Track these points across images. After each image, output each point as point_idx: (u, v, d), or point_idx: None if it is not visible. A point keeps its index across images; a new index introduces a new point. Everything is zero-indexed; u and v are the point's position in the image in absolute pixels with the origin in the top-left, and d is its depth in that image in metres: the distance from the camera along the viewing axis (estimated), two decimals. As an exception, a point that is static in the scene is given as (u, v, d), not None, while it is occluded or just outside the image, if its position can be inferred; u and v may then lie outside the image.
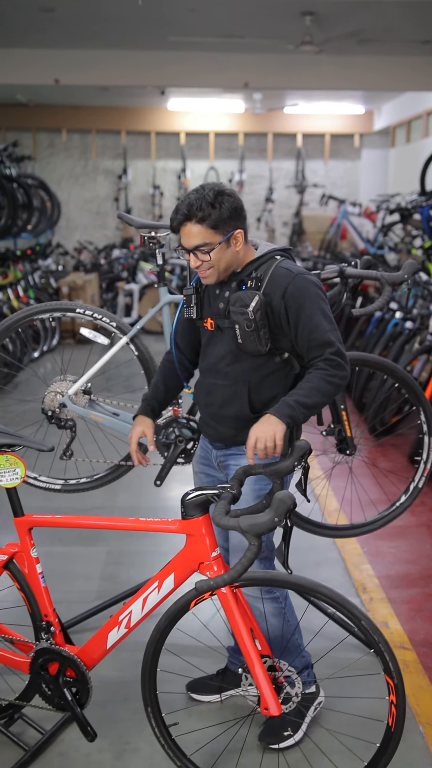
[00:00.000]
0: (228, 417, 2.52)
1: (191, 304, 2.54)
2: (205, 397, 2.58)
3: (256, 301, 2.35)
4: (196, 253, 2.37)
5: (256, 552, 2.00)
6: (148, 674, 2.32)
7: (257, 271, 2.44)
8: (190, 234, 2.35)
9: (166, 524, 2.29)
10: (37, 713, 2.69)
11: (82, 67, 8.51)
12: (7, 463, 2.40)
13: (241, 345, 2.41)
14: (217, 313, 2.49)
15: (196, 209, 2.32)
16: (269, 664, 2.27)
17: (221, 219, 2.33)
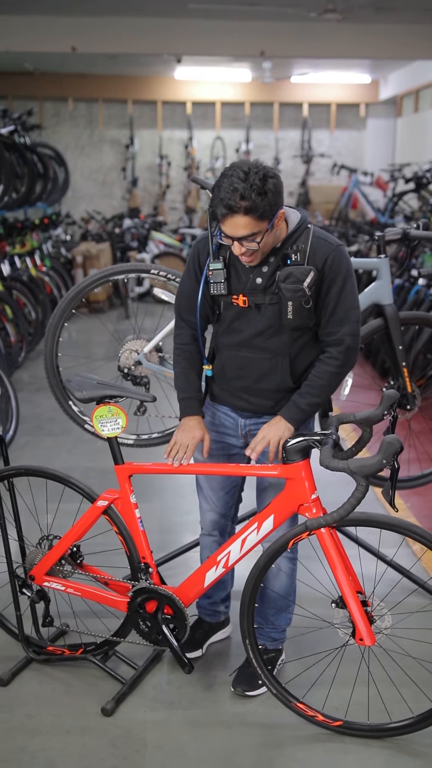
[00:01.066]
0: (267, 390, 2.54)
1: (220, 279, 2.45)
2: (237, 370, 2.55)
3: (312, 276, 2.33)
4: (242, 242, 2.30)
5: (363, 492, 2.16)
6: (247, 609, 2.48)
7: (297, 242, 2.40)
8: (236, 225, 2.26)
9: (267, 469, 2.43)
10: (128, 649, 2.86)
11: (100, 34, 8.50)
12: (110, 413, 2.54)
13: (291, 321, 2.39)
14: (253, 288, 2.44)
15: (245, 201, 2.21)
16: (362, 599, 2.43)
17: (269, 207, 2.24)
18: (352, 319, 2.44)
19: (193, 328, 2.62)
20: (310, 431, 2.58)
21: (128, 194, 12.86)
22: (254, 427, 2.62)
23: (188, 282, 2.58)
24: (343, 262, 2.41)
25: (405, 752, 2.44)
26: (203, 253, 2.53)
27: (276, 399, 2.56)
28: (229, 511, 2.82)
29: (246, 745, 2.47)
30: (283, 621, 2.79)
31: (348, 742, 2.48)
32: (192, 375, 2.63)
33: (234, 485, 2.78)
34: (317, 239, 2.41)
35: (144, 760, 2.41)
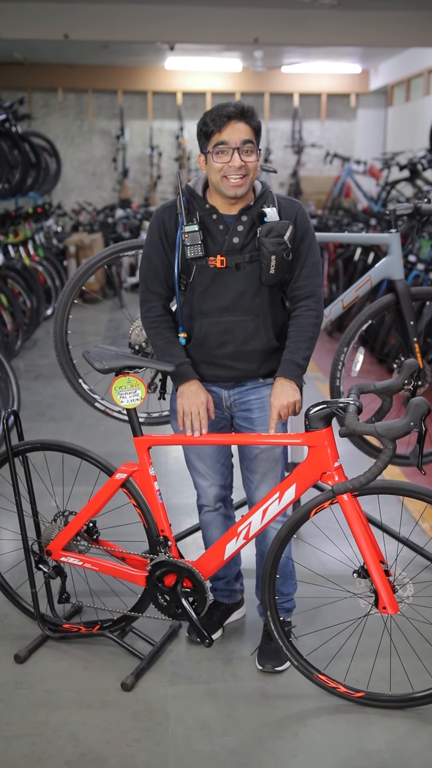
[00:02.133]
0: (253, 351, 2.54)
1: (197, 241, 2.44)
2: (222, 336, 2.52)
3: (291, 230, 2.43)
4: (242, 153, 2.35)
5: (391, 455, 2.15)
6: (269, 580, 2.46)
7: (266, 203, 2.48)
8: (238, 130, 2.35)
9: (290, 438, 2.42)
10: (143, 627, 2.84)
11: (92, 21, 8.44)
12: (129, 384, 2.51)
13: (272, 276, 2.44)
14: (230, 248, 2.45)
15: (247, 110, 2.36)
16: (384, 569, 2.42)
17: (259, 129, 2.41)
18: (319, 272, 2.57)
19: (163, 300, 2.61)
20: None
21: (119, 185, 12.81)
22: (238, 397, 2.61)
23: (154, 254, 2.55)
24: (307, 218, 2.54)
25: (428, 721, 2.43)
26: (169, 222, 2.51)
27: (261, 360, 2.57)
28: (227, 480, 2.80)
29: (269, 717, 2.46)
30: (291, 588, 2.79)
31: (371, 713, 2.47)
32: (177, 342, 2.58)
33: (226, 454, 2.76)
34: (282, 199, 2.53)
35: (167, 732, 2.39)
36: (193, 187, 2.53)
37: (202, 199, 2.50)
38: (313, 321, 2.55)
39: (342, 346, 3.30)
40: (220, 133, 2.35)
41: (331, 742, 2.35)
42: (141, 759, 2.28)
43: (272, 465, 2.64)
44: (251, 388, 2.60)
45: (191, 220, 2.47)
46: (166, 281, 2.56)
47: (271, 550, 2.45)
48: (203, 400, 2.50)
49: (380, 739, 2.37)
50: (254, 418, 2.60)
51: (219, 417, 2.66)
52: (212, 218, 2.48)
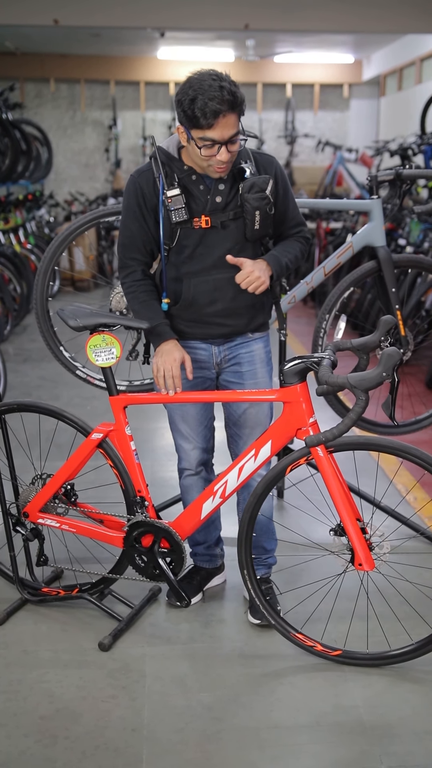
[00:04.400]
0: (242, 306, 2.57)
1: (180, 205, 2.42)
2: (211, 294, 2.52)
3: (272, 184, 2.44)
4: (228, 145, 2.30)
5: (363, 406, 2.14)
6: (245, 538, 2.46)
7: (243, 158, 2.46)
8: (229, 124, 2.26)
9: (265, 394, 2.41)
10: (123, 591, 2.83)
11: (82, 7, 8.40)
12: (104, 342, 2.50)
13: (257, 232, 2.46)
14: (214, 208, 2.44)
15: (238, 98, 2.25)
16: (360, 526, 2.41)
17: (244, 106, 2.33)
18: (303, 220, 2.65)
19: (142, 265, 2.58)
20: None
21: (111, 176, 12.78)
22: (228, 352, 2.63)
23: (132, 221, 2.52)
24: (283, 170, 2.58)
25: (405, 679, 2.43)
26: (147, 187, 2.48)
27: (250, 315, 2.61)
28: (209, 443, 2.79)
29: (246, 675, 2.45)
30: (272, 544, 2.81)
31: (348, 671, 2.47)
32: (155, 304, 2.56)
33: (209, 416, 2.75)
34: (257, 153, 2.53)
35: (144, 689, 2.38)
36: (167, 148, 2.48)
37: (179, 161, 2.46)
38: (301, 246, 2.63)
39: (324, 313, 3.29)
40: (210, 130, 2.25)
41: (308, 697, 2.35)
42: (116, 714, 2.28)
43: (261, 419, 2.65)
44: (241, 342, 2.63)
45: (171, 183, 2.44)
46: (144, 247, 2.55)
47: (247, 507, 2.45)
48: (176, 358, 2.46)
49: (356, 695, 2.36)
50: (243, 372, 2.64)
51: (205, 377, 2.65)
52: (192, 179, 2.45)
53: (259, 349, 2.66)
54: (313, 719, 2.26)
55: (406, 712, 2.29)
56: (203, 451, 2.78)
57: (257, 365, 2.64)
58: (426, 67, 10.18)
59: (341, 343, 2.39)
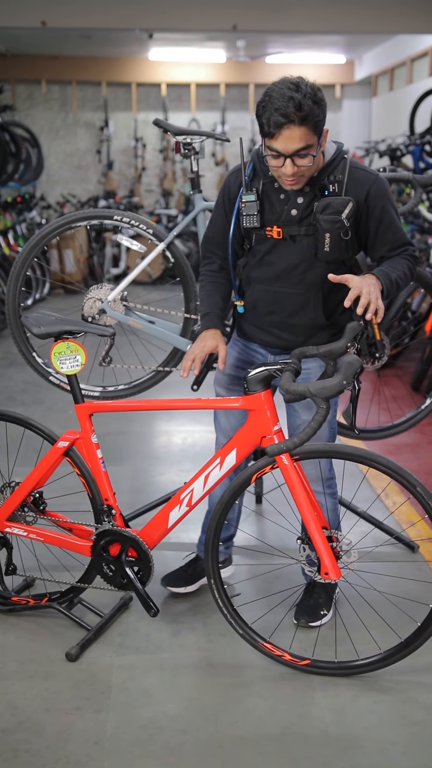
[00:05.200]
0: (299, 326, 2.51)
1: (253, 212, 2.40)
2: (270, 305, 2.51)
3: (350, 207, 2.29)
4: (295, 158, 2.23)
5: (324, 415, 2.12)
6: (212, 548, 2.44)
7: (334, 173, 2.36)
8: (293, 137, 2.18)
9: (230, 402, 2.39)
10: (95, 600, 2.80)
11: (70, 9, 8.37)
12: (68, 350, 2.48)
13: (327, 254, 2.34)
14: (287, 220, 2.39)
15: (306, 110, 2.16)
16: (327, 534, 2.39)
17: (322, 118, 2.21)
18: (409, 239, 2.47)
19: (220, 259, 2.61)
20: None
21: (104, 178, 12.75)
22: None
23: (217, 217, 2.56)
24: (386, 190, 2.40)
25: (372, 688, 2.40)
26: (234, 186, 2.49)
27: (307, 335, 2.53)
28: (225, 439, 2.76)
29: (213, 685, 2.43)
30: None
31: (316, 681, 2.45)
32: (215, 296, 2.58)
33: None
34: (355, 169, 2.38)
35: (109, 700, 2.36)
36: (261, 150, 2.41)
37: (267, 167, 2.39)
38: (408, 263, 2.43)
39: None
40: (275, 140, 2.21)
41: (274, 708, 2.33)
42: (79, 726, 2.25)
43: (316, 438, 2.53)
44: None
45: (251, 188, 2.43)
46: (224, 243, 2.56)
47: (213, 515, 2.42)
48: (206, 345, 2.45)
49: (324, 705, 2.34)
50: None
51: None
52: (274, 187, 2.41)
53: (314, 369, 2.55)
54: (278, 730, 2.24)
55: (372, 722, 2.27)
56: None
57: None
58: (417, 67, 10.16)
59: (308, 350, 2.37)
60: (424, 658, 2.52)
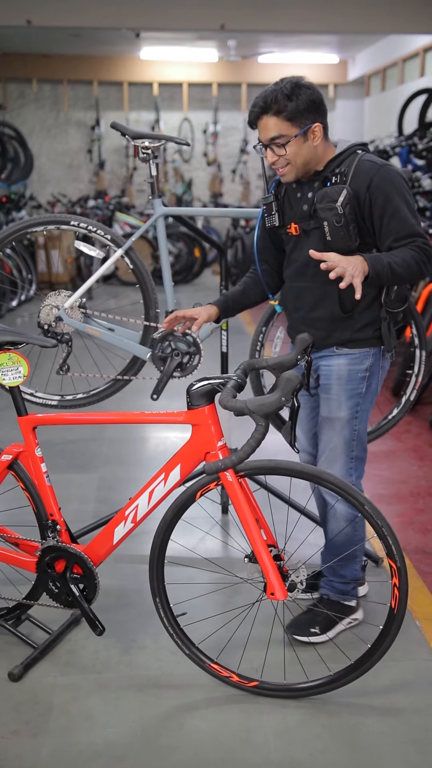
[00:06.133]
0: (319, 319, 2.53)
1: (272, 212, 2.54)
2: (294, 301, 2.59)
3: (344, 195, 2.32)
4: (273, 147, 2.37)
5: (263, 433, 2.04)
6: (156, 565, 2.36)
7: (340, 166, 2.41)
8: (266, 127, 2.36)
9: (172, 416, 2.31)
10: (43, 616, 2.73)
11: (56, 7, 8.31)
12: (10, 361, 2.41)
13: (331, 243, 2.38)
14: (302, 216, 2.48)
15: (271, 101, 2.32)
16: (275, 553, 2.31)
17: (297, 111, 2.32)
18: (421, 231, 2.38)
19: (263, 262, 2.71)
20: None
21: (95, 177, 12.70)
22: (314, 361, 2.60)
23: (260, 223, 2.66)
24: (392, 180, 2.37)
25: (321, 711, 2.33)
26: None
27: (329, 330, 2.53)
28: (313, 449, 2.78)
29: (157, 708, 2.36)
30: (349, 572, 2.68)
31: (264, 703, 2.37)
32: (239, 286, 2.74)
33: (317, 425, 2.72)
34: (363, 162, 2.40)
35: (47, 724, 2.28)
36: None
37: None
38: (413, 255, 2.34)
39: (260, 326, 3.19)
40: (258, 129, 2.41)
41: (217, 733, 2.25)
42: (14, 752, 2.18)
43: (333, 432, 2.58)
44: (324, 355, 2.57)
45: (272, 191, 2.58)
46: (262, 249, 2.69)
47: (158, 533, 2.35)
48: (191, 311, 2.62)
49: (269, 729, 2.27)
50: (321, 384, 2.61)
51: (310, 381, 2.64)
52: (293, 186, 2.52)
53: (340, 366, 2.54)
54: (218, 756, 2.16)
55: (317, 747, 2.19)
56: (310, 455, 2.79)
57: (332, 381, 2.55)
58: (408, 67, 10.08)
59: (256, 362, 2.30)
60: (377, 680, 2.45)
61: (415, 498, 3.85)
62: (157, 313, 3.16)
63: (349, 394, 2.55)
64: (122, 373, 3.20)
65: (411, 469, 4.20)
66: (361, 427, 2.60)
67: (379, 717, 2.32)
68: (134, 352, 3.16)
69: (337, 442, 2.58)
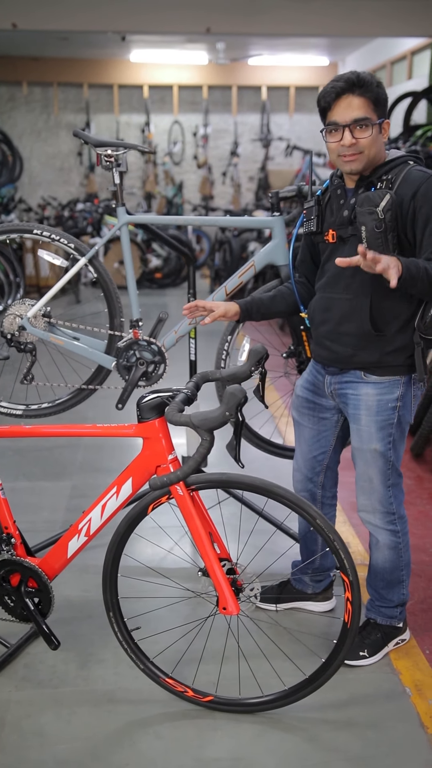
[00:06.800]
0: (347, 334, 2.40)
1: (312, 216, 2.44)
2: (322, 313, 2.45)
3: (387, 199, 2.19)
4: (353, 130, 2.24)
5: (208, 447, 2.02)
6: (109, 579, 2.34)
7: (389, 174, 2.30)
8: (350, 105, 2.23)
9: (123, 429, 2.29)
10: (3, 629, 2.71)
11: (41, 11, 8.29)
12: (-37, 374, 2.38)
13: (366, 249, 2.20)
14: (341, 222, 2.38)
15: (361, 81, 2.22)
16: (228, 567, 2.29)
17: (381, 99, 2.26)
18: None
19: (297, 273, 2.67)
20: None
21: (86, 180, 12.68)
22: (339, 386, 2.49)
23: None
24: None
25: (275, 727, 2.31)
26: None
27: (356, 347, 2.40)
28: (317, 476, 2.69)
29: (111, 723, 2.33)
30: (395, 596, 2.60)
31: (218, 718, 2.35)
32: (269, 293, 2.66)
33: (324, 450, 2.65)
34: (413, 171, 2.29)
35: (-2, 741, 2.26)
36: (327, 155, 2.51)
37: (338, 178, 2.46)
38: None
39: (225, 334, 3.17)
40: (331, 112, 2.27)
41: (168, 750, 2.23)
42: (-39, 770, 2.16)
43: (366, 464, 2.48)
44: (351, 381, 2.45)
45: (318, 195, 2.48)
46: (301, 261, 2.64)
47: (111, 546, 2.33)
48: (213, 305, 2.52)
49: (222, 746, 2.24)
50: (349, 413, 2.48)
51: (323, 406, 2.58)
52: (337, 192, 2.43)
53: (369, 396, 2.41)
54: (168, 774, 2.14)
55: (270, 765, 2.17)
56: (307, 479, 2.70)
57: (361, 411, 2.43)
58: (396, 70, 10.07)
59: (210, 374, 2.28)
60: (334, 693, 2.43)
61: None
62: (121, 322, 3.14)
63: (380, 425, 2.42)
64: (87, 383, 3.18)
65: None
66: (396, 455, 2.49)
67: (334, 732, 2.29)
68: (99, 361, 3.14)
69: (373, 474, 2.49)
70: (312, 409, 2.62)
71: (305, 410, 2.63)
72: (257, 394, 2.32)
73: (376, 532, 2.55)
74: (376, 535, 2.55)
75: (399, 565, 2.57)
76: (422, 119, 8.47)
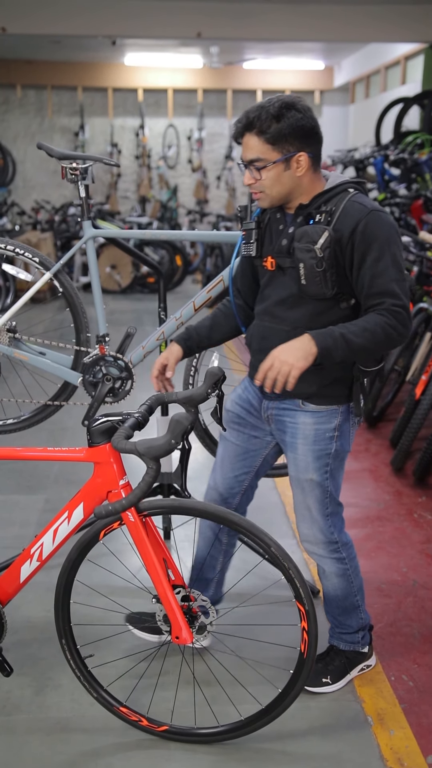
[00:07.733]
0: None
1: (251, 240, 2.32)
2: (260, 341, 2.35)
3: (326, 237, 2.10)
4: (251, 169, 2.20)
5: (153, 476, 1.97)
6: (61, 606, 2.28)
7: (327, 204, 2.19)
8: (247, 146, 2.18)
9: (73, 452, 2.24)
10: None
11: (31, 15, 8.25)
12: None
13: (305, 287, 2.17)
14: (279, 250, 2.27)
15: (255, 119, 2.13)
16: (183, 594, 2.24)
17: (281, 135, 2.11)
18: (398, 290, 2.13)
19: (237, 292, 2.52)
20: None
21: (80, 184, 12.63)
22: (276, 413, 2.39)
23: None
24: (379, 227, 2.14)
25: (231, 758, 2.25)
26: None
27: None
28: (233, 498, 2.57)
29: (61, 754, 2.27)
30: (353, 621, 2.54)
31: (173, 749, 2.29)
32: (206, 320, 2.52)
33: (247, 471, 2.54)
34: (352, 203, 2.17)
35: None
36: None
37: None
38: (380, 320, 2.11)
39: (193, 351, 3.11)
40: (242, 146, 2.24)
41: (119, 782, 2.17)
42: None
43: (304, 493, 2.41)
44: (288, 408, 2.36)
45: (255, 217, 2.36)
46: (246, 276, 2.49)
47: (62, 572, 2.27)
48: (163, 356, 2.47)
49: (174, 778, 2.19)
50: (286, 441, 2.40)
51: (255, 425, 2.47)
52: (276, 216, 2.32)
53: (306, 425, 2.33)
54: (117, 809, 2.09)
55: (221, 800, 2.11)
56: (222, 499, 2.56)
57: (298, 440, 2.35)
58: (390, 75, 10.02)
59: (166, 396, 2.23)
60: (293, 722, 2.37)
61: (364, 522, 3.77)
62: (88, 338, 3.09)
63: (317, 455, 2.34)
64: (53, 399, 3.13)
65: (364, 491, 4.12)
66: (334, 485, 2.41)
67: (291, 764, 2.23)
68: (65, 377, 3.08)
69: (311, 503, 2.41)
70: (242, 425, 2.48)
71: (234, 425, 2.50)
72: (215, 416, 2.27)
73: (322, 561, 2.49)
74: (323, 565, 2.49)
75: (351, 591, 2.51)
76: (415, 125, 8.42)
